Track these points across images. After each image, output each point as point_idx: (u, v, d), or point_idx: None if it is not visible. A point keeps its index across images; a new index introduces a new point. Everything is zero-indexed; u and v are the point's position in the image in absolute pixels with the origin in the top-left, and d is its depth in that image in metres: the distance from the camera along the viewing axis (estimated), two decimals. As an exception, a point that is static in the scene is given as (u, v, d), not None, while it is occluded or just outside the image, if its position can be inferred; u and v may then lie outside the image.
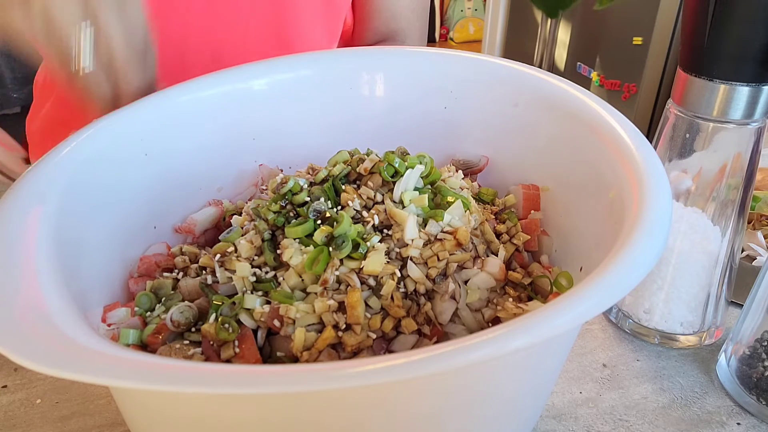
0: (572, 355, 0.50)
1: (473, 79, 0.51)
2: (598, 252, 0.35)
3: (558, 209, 0.45)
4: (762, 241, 0.61)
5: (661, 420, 0.44)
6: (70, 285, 0.32)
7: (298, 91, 0.52)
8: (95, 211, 0.40)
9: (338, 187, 0.42)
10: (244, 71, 0.50)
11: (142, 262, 0.43)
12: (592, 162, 0.41)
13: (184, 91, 0.47)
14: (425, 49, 0.54)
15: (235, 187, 0.51)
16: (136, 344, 0.37)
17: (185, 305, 0.38)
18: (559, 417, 0.44)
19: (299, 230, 0.38)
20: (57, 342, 0.26)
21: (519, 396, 0.34)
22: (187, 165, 0.47)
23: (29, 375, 0.47)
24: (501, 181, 0.50)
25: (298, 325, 0.35)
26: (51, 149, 0.39)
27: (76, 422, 0.43)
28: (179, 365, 0.25)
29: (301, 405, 0.27)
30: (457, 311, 0.38)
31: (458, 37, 3.55)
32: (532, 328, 0.25)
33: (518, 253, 0.44)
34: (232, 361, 0.35)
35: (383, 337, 0.36)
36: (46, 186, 0.36)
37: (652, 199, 0.33)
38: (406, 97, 0.53)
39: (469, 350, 0.24)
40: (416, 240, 0.39)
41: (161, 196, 0.46)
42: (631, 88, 2.00)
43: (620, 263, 0.28)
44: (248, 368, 0.25)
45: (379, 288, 0.37)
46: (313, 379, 0.23)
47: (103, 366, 0.24)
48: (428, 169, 0.44)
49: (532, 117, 0.47)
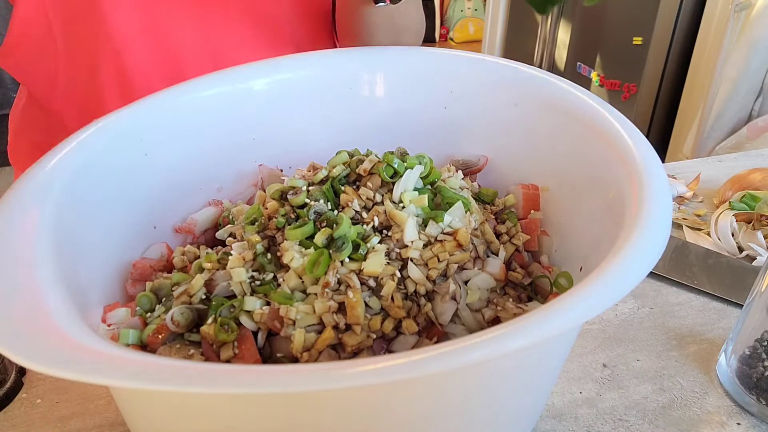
0: (572, 355, 0.50)
1: (473, 79, 0.51)
2: (598, 252, 0.35)
3: (558, 209, 0.45)
4: (762, 241, 0.62)
5: (661, 420, 0.44)
6: (70, 285, 0.32)
7: (298, 91, 0.52)
8: (95, 211, 0.40)
9: (337, 188, 0.42)
10: (244, 71, 0.50)
11: (135, 267, 0.43)
12: (592, 162, 0.41)
13: (184, 91, 0.47)
14: (425, 49, 0.54)
15: (235, 187, 0.51)
16: (136, 344, 0.37)
17: (185, 306, 0.38)
18: (559, 417, 0.44)
19: (299, 232, 0.38)
20: (57, 342, 0.26)
21: (519, 396, 0.34)
22: (187, 165, 0.47)
23: (29, 375, 0.47)
24: (501, 181, 0.50)
25: (298, 325, 0.35)
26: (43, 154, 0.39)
27: (76, 422, 0.43)
28: (179, 365, 0.25)
29: (300, 405, 0.27)
30: (458, 311, 0.38)
31: (458, 37, 3.55)
32: (532, 328, 0.25)
33: (518, 253, 0.44)
34: (232, 362, 0.35)
35: (383, 338, 0.36)
36: (46, 186, 0.36)
37: (652, 199, 0.33)
38: (405, 97, 0.53)
39: (469, 350, 0.24)
40: (416, 241, 0.39)
41: (161, 196, 0.46)
42: (631, 88, 2.00)
43: (620, 263, 0.28)
44: (248, 368, 0.25)
45: (379, 289, 0.37)
46: (313, 379, 0.23)
47: (103, 366, 0.24)
48: (428, 169, 0.44)
49: (532, 117, 0.47)
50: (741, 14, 1.71)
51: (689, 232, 0.66)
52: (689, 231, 0.66)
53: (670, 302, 0.56)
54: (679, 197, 0.72)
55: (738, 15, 1.71)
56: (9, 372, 0.45)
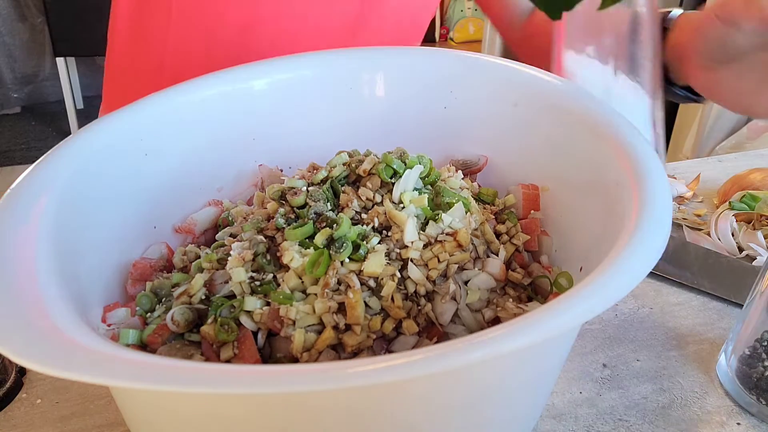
0: (572, 355, 0.50)
1: (473, 79, 0.51)
2: (598, 252, 0.35)
3: (558, 209, 0.45)
4: (762, 241, 0.62)
5: (661, 420, 0.44)
6: (70, 285, 0.32)
7: (298, 91, 0.52)
8: (95, 211, 0.40)
9: (337, 188, 0.42)
10: (244, 71, 0.50)
11: (135, 267, 0.43)
12: (592, 162, 0.41)
13: (184, 91, 0.47)
14: (425, 49, 0.54)
15: (235, 187, 0.51)
16: (136, 344, 0.37)
17: (185, 306, 0.38)
18: (559, 417, 0.44)
19: (299, 233, 0.38)
20: (57, 342, 0.26)
21: (519, 396, 0.34)
22: (187, 165, 0.47)
23: (29, 375, 0.47)
24: (501, 181, 0.50)
25: (298, 325, 0.35)
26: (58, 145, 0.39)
27: (76, 422, 0.43)
28: (179, 365, 0.25)
29: (300, 405, 0.27)
30: (458, 312, 0.38)
31: (458, 37, 3.54)
32: (532, 328, 0.25)
33: (518, 253, 0.44)
34: (232, 362, 0.35)
35: (383, 338, 0.36)
36: (45, 186, 0.36)
37: (652, 199, 0.33)
38: (405, 96, 0.53)
39: (469, 350, 0.24)
40: (416, 242, 0.39)
41: (161, 196, 0.46)
42: (631, 88, 2.00)
43: (620, 263, 0.28)
44: (248, 368, 0.25)
45: (379, 289, 0.37)
46: (313, 379, 0.23)
47: (104, 366, 0.24)
48: (427, 169, 0.44)
49: (532, 117, 0.47)
50: (741, 14, 1.70)
51: (689, 232, 0.66)
52: (689, 231, 0.66)
53: (670, 302, 0.55)
54: (679, 197, 0.72)
55: (738, 15, 1.70)
56: (9, 372, 0.45)
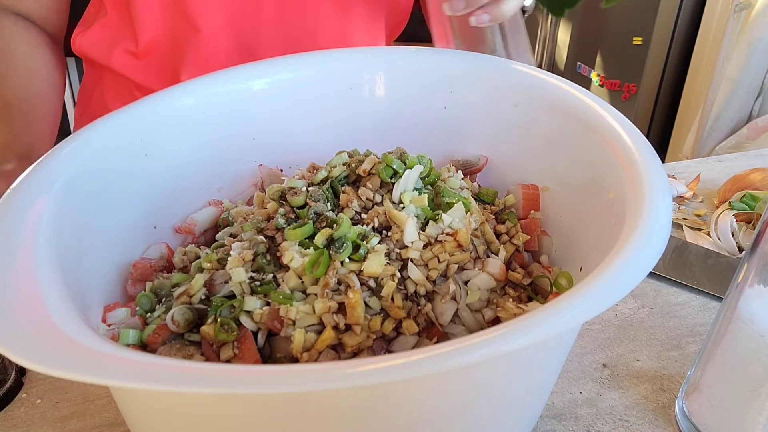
0: (572, 355, 0.50)
1: (473, 78, 0.51)
2: (598, 252, 0.35)
3: (558, 209, 0.45)
4: (762, 241, 0.62)
5: (661, 420, 0.44)
6: (70, 285, 0.32)
7: (298, 91, 0.52)
8: (95, 211, 0.40)
9: (337, 188, 0.42)
10: (244, 71, 0.50)
11: (135, 268, 0.43)
12: (592, 162, 0.41)
13: (184, 91, 0.47)
14: (425, 49, 0.54)
15: (235, 187, 0.51)
16: (136, 344, 0.37)
17: (186, 306, 0.38)
18: (559, 417, 0.44)
19: (299, 233, 0.38)
20: (57, 342, 0.26)
21: (519, 396, 0.34)
22: (187, 165, 0.47)
23: (29, 375, 0.47)
24: (501, 181, 0.50)
25: (298, 326, 0.35)
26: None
27: (76, 422, 0.43)
28: (179, 365, 0.25)
29: (300, 405, 0.27)
30: (458, 312, 0.38)
31: (458, 37, 3.55)
32: (532, 328, 0.25)
33: (518, 253, 0.44)
34: (232, 362, 0.35)
35: (383, 338, 0.36)
36: (45, 186, 0.36)
37: (652, 199, 0.33)
38: (406, 96, 0.53)
39: (469, 350, 0.24)
40: (416, 242, 0.39)
41: (161, 196, 0.46)
42: (631, 88, 2.00)
43: (620, 263, 0.28)
44: (248, 368, 0.25)
45: (379, 289, 0.37)
46: (313, 379, 0.23)
47: (103, 366, 0.24)
48: (427, 169, 0.44)
49: (532, 117, 0.47)
50: (741, 14, 1.71)
51: (689, 232, 0.66)
52: (689, 231, 0.66)
53: (670, 302, 0.55)
54: (679, 197, 0.72)
55: (738, 15, 1.71)
56: (9, 372, 0.45)
